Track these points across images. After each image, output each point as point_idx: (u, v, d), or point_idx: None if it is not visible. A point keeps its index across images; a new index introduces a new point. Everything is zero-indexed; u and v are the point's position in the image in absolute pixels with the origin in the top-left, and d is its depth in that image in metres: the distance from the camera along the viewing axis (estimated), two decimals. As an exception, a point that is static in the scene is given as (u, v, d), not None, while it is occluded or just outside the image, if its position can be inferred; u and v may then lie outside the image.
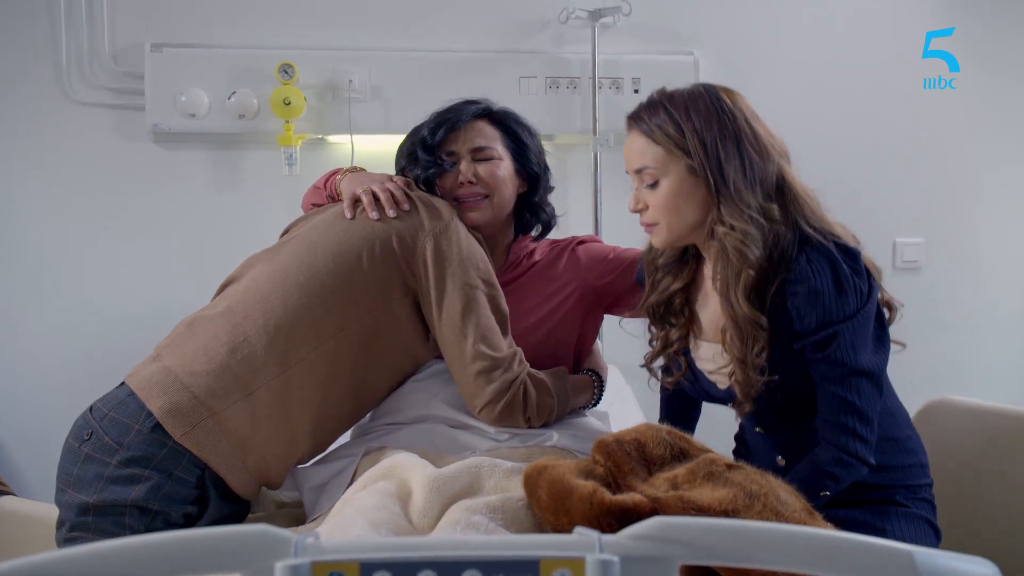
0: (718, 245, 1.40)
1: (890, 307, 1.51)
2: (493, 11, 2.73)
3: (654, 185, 1.42)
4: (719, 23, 2.81)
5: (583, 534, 0.67)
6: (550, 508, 1.04)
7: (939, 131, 2.88)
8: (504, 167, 1.69)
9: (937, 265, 2.90)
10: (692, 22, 2.79)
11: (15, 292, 2.61)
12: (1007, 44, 2.89)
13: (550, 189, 1.81)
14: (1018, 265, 2.95)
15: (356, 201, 1.58)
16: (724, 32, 2.81)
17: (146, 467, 1.35)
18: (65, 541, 1.39)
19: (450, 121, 1.68)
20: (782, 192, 1.43)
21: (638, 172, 1.44)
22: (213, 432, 1.37)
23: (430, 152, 1.67)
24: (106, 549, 0.64)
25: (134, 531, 1.34)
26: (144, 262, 2.64)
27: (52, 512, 1.87)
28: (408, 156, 1.72)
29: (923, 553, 0.65)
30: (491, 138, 1.70)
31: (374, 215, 1.54)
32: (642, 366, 1.62)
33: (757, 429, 1.53)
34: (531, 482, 1.09)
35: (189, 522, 1.38)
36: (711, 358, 1.51)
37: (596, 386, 1.74)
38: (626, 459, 1.09)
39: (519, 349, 1.55)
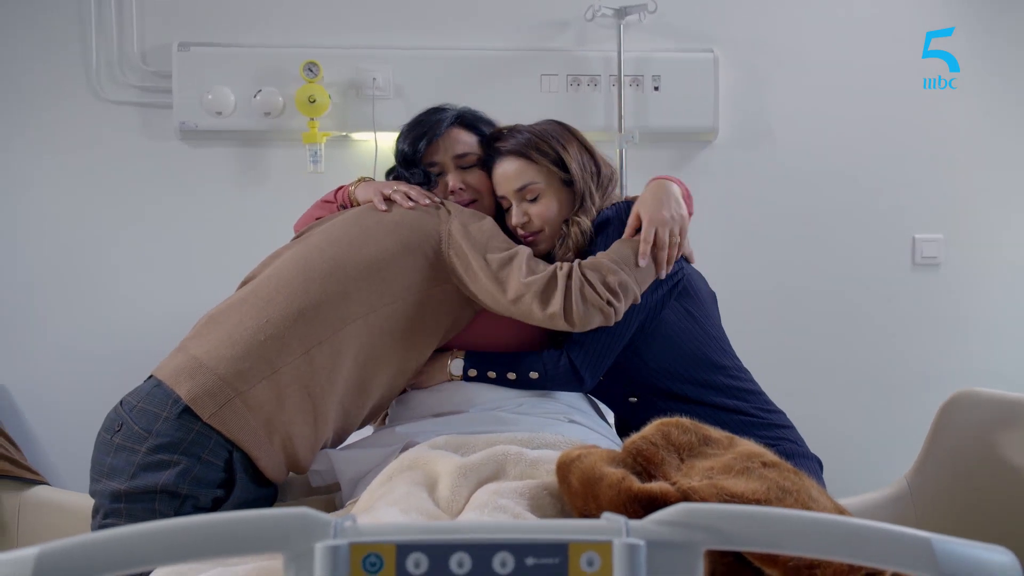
0: (569, 235, 1.66)
1: None
2: (514, 11, 2.76)
3: (535, 199, 1.68)
4: (738, 22, 2.82)
5: (610, 519, 0.68)
6: (580, 494, 1.06)
7: (947, 129, 2.88)
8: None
9: (956, 261, 2.90)
10: (712, 21, 2.80)
11: (45, 288, 2.65)
12: (1007, 44, 2.88)
13: None
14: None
15: (387, 199, 1.65)
16: (743, 31, 2.82)
17: (175, 452, 1.38)
18: (100, 528, 1.42)
19: (428, 135, 1.75)
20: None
21: (519, 191, 1.68)
22: (240, 411, 1.41)
23: (415, 165, 1.75)
24: (153, 529, 0.65)
25: (164, 516, 1.36)
26: (170, 258, 2.68)
27: (82, 500, 1.94)
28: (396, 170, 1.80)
29: (941, 540, 0.66)
30: (469, 144, 1.78)
31: (409, 205, 1.62)
32: None
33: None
34: (564, 469, 1.11)
35: (217, 506, 1.41)
36: None
37: None
38: (656, 451, 1.11)
39: (564, 263, 1.57)
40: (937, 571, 0.66)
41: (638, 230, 1.59)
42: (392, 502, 1.19)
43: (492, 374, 1.62)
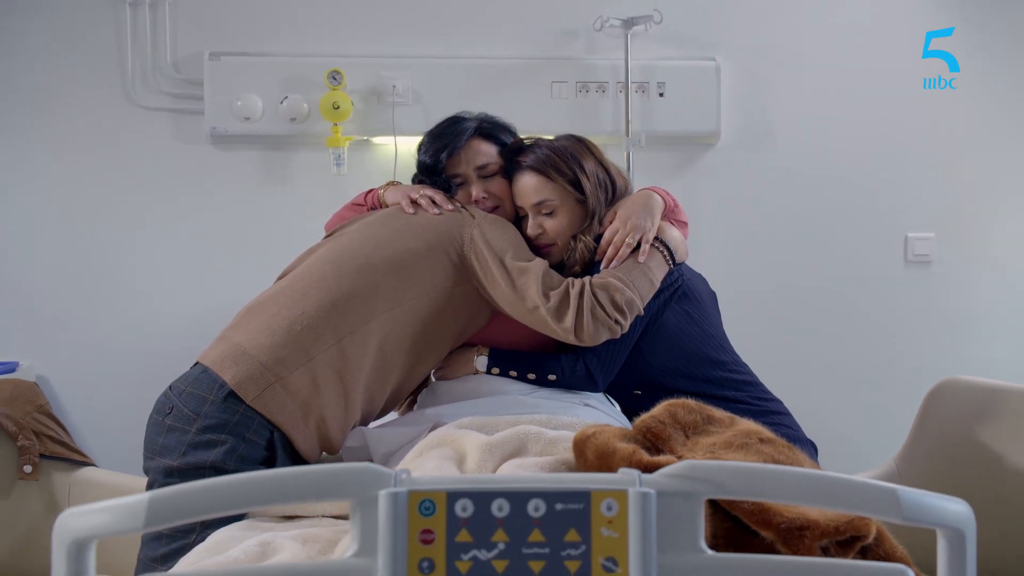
0: (575, 250, 1.77)
1: None
2: (526, 21, 2.85)
3: (551, 213, 1.77)
4: (740, 32, 2.91)
5: (626, 473, 0.79)
6: (595, 467, 1.16)
7: (945, 129, 2.95)
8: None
9: (948, 259, 2.97)
10: (714, 30, 2.89)
11: (82, 286, 2.75)
12: (1007, 44, 2.94)
13: None
14: (1026, 258, 3.02)
15: (414, 202, 1.75)
16: (744, 40, 2.91)
17: (222, 432, 1.49)
18: None
19: (449, 147, 1.82)
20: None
21: (536, 205, 1.78)
22: (280, 395, 1.52)
23: (437, 175, 1.83)
24: (247, 479, 0.76)
25: None
26: (200, 256, 2.78)
27: (126, 480, 2.06)
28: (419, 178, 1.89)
29: (905, 491, 0.77)
30: (489, 154, 1.85)
31: (435, 211, 1.72)
32: None
33: None
34: (580, 445, 1.21)
35: None
36: None
37: (665, 255, 1.75)
38: (664, 429, 1.23)
39: (576, 280, 1.69)
40: (901, 516, 0.76)
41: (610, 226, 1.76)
42: (424, 473, 1.30)
43: (514, 373, 1.76)
